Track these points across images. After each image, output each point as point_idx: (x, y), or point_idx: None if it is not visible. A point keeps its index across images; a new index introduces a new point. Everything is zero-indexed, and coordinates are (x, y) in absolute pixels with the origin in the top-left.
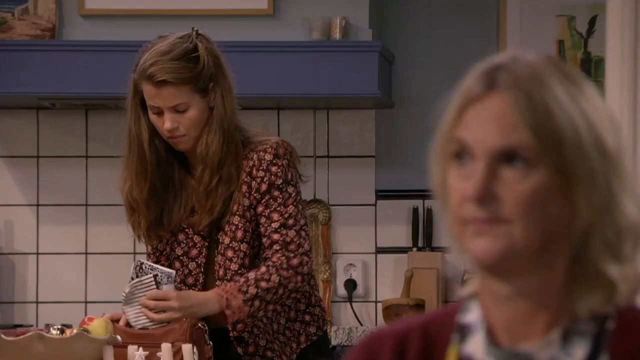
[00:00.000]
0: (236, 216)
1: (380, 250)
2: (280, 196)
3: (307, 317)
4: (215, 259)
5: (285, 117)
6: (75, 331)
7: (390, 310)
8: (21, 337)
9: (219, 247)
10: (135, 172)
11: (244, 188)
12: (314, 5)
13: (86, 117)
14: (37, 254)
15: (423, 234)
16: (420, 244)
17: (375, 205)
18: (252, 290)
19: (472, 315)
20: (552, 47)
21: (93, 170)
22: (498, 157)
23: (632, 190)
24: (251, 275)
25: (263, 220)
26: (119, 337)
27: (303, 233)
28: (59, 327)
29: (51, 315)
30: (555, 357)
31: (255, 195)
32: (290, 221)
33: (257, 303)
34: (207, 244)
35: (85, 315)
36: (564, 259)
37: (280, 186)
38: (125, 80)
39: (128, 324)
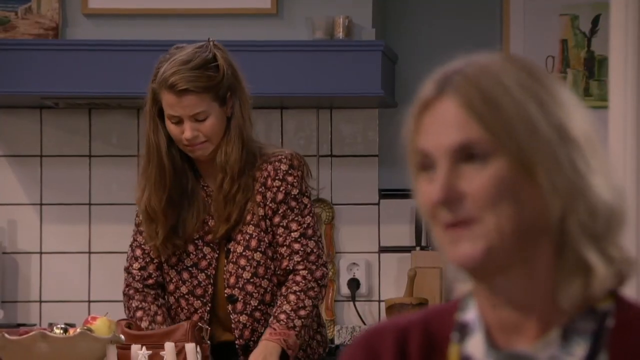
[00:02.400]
0: (250, 225)
1: (383, 250)
2: (297, 207)
3: (319, 337)
4: (225, 268)
5: (288, 116)
6: (78, 330)
7: (394, 310)
8: (24, 336)
9: (230, 256)
10: (154, 182)
11: (259, 198)
12: (317, 5)
13: (89, 117)
14: (41, 253)
15: (426, 233)
16: (423, 243)
17: (378, 204)
18: (298, 322)
19: (470, 313)
20: (555, 47)
21: (96, 170)
22: (456, 155)
23: (604, 170)
24: (287, 308)
25: (281, 230)
26: (122, 337)
27: (321, 244)
28: (62, 326)
29: (54, 314)
30: (555, 357)
31: (270, 205)
32: (310, 231)
33: (303, 332)
34: (216, 255)
35: (89, 314)
36: (546, 251)
37: (297, 196)
38: (128, 80)
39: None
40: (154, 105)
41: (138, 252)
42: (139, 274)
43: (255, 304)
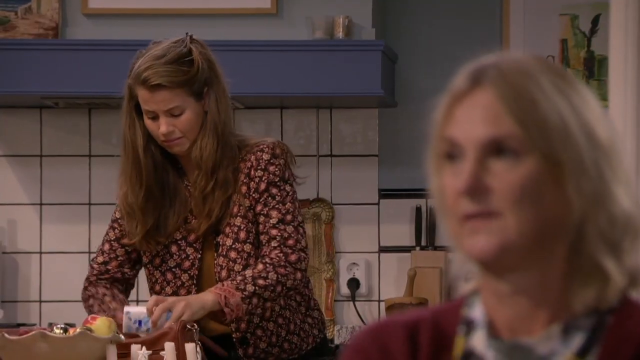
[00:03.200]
0: (238, 217)
1: (383, 249)
2: (279, 194)
3: (310, 320)
4: (216, 262)
5: (288, 116)
6: (78, 330)
7: (394, 309)
8: (24, 336)
9: (220, 249)
10: (130, 177)
11: (244, 189)
12: (317, 5)
13: (89, 116)
14: (40, 253)
15: (426, 233)
16: (423, 243)
17: (378, 204)
18: (250, 288)
19: (476, 311)
20: (555, 46)
21: (96, 169)
22: (486, 149)
23: (626, 181)
24: (248, 273)
25: (262, 218)
26: (122, 336)
27: (301, 230)
28: (62, 326)
29: (54, 314)
30: (555, 350)
31: (254, 195)
32: (289, 217)
33: (255, 301)
34: (199, 256)
35: (89, 314)
36: (561, 252)
37: (278, 184)
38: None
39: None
40: (131, 100)
41: (106, 246)
42: (98, 268)
43: None
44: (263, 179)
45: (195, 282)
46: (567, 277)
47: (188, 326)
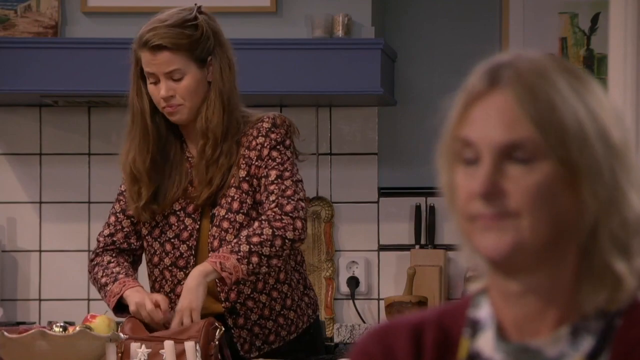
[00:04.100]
0: (232, 188)
1: (382, 248)
2: (279, 157)
3: (306, 299)
4: (209, 232)
5: (287, 114)
6: (78, 328)
7: (393, 308)
8: (24, 334)
9: (214, 220)
10: (138, 143)
11: (241, 161)
12: (317, 3)
13: (89, 115)
14: (40, 251)
15: (426, 231)
16: (422, 242)
17: (377, 202)
18: (245, 247)
19: (483, 311)
20: (554, 45)
21: (96, 168)
22: (503, 152)
23: (639, 183)
24: (243, 233)
25: (263, 180)
26: (121, 335)
27: (300, 185)
28: (62, 324)
29: (54, 312)
30: (564, 352)
31: (256, 163)
32: (287, 173)
33: (255, 259)
34: (197, 226)
35: (88, 312)
36: (573, 254)
37: (279, 148)
38: (127, 78)
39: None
40: (136, 66)
41: (112, 219)
42: (104, 240)
43: None
44: (265, 144)
45: (193, 252)
46: (578, 278)
47: (216, 324)
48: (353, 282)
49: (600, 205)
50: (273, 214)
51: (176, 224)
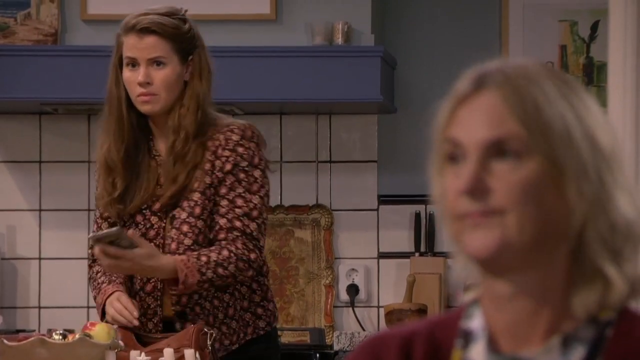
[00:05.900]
0: (196, 193)
1: (382, 255)
2: (246, 179)
3: (260, 311)
4: (169, 234)
5: (287, 122)
6: (77, 336)
7: (393, 316)
8: (23, 342)
9: (174, 222)
10: (113, 133)
11: (207, 166)
12: (317, 11)
13: (88, 122)
14: (40, 259)
15: (425, 239)
16: (422, 249)
17: (377, 210)
18: (210, 274)
19: (475, 321)
20: (554, 52)
21: (95, 175)
22: (488, 149)
23: (628, 187)
24: (213, 256)
25: (225, 202)
26: (121, 342)
27: (263, 227)
28: (62, 332)
29: (53, 320)
30: None
31: (217, 174)
32: (255, 213)
33: (206, 286)
34: (163, 224)
35: (88, 320)
36: (563, 256)
37: (246, 169)
38: None
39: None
40: (117, 54)
41: (94, 227)
42: (91, 251)
43: None
44: (230, 159)
45: (161, 250)
46: (569, 282)
47: (205, 329)
48: (353, 289)
49: (587, 205)
50: (241, 252)
51: (142, 222)
